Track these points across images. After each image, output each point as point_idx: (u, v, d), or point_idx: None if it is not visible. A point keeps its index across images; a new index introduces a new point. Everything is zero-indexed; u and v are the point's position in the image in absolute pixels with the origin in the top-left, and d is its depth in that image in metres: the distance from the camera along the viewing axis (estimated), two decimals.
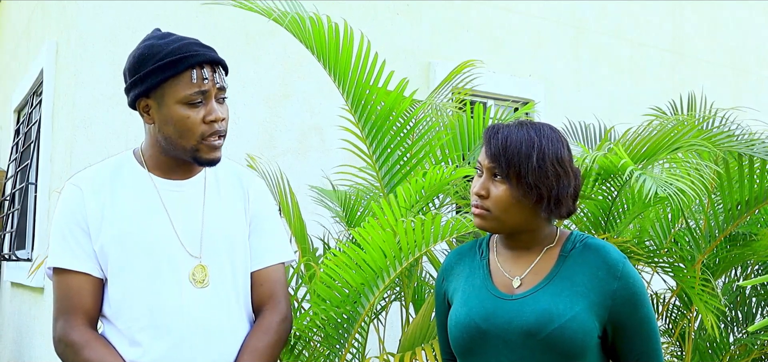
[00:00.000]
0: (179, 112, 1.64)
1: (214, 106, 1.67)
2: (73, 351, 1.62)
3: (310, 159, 4.34)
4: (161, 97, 1.65)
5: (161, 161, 1.73)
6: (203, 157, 1.68)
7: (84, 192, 1.69)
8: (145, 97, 1.68)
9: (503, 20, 5.22)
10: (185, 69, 1.63)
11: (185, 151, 1.68)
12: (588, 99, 5.54)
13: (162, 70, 1.63)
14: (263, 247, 1.81)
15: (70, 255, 1.66)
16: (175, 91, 1.64)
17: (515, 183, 1.54)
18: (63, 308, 1.65)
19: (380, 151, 2.75)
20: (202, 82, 1.64)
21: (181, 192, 1.74)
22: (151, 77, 1.64)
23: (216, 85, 1.67)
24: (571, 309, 1.50)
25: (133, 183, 1.72)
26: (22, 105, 5.73)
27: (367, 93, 2.64)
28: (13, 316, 5.72)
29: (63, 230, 1.67)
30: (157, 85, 1.64)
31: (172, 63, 1.63)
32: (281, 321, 1.78)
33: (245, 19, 4.23)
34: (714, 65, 6.40)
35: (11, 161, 5.83)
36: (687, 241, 2.90)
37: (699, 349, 3.14)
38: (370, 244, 2.20)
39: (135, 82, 1.68)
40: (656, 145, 2.52)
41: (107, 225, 1.66)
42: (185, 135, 1.66)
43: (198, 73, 1.64)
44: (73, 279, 1.65)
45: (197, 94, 1.64)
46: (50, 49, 4.38)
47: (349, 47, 2.58)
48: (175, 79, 1.64)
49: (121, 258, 1.65)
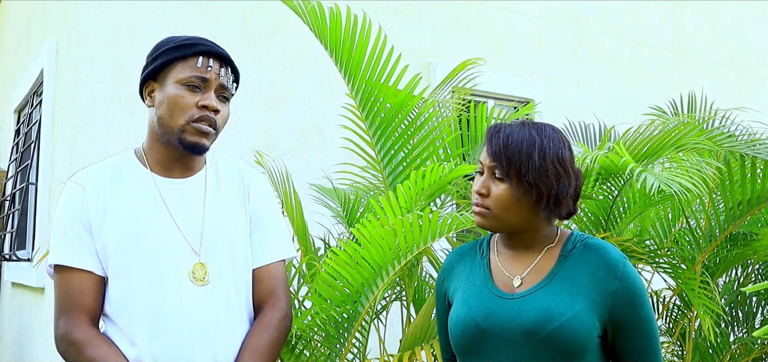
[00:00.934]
0: (176, 91, 1.68)
1: (211, 96, 1.70)
2: (75, 350, 1.62)
3: (310, 159, 4.34)
4: (165, 78, 1.70)
5: (161, 155, 1.74)
6: (188, 140, 1.69)
7: (86, 190, 1.69)
8: (152, 80, 1.73)
9: (503, 20, 5.22)
10: (193, 54, 1.69)
11: (173, 132, 1.69)
12: (588, 99, 5.54)
13: (172, 51, 1.69)
14: (264, 244, 1.81)
15: (72, 252, 1.65)
16: (178, 72, 1.69)
17: (515, 183, 1.54)
18: (65, 306, 1.65)
19: (386, 150, 2.74)
20: (205, 69, 1.69)
21: (181, 191, 1.74)
22: (161, 57, 1.70)
23: (219, 78, 1.70)
24: (572, 308, 1.50)
25: (134, 182, 1.72)
26: (22, 105, 5.73)
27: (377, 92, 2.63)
28: (14, 316, 5.72)
29: (65, 227, 1.67)
30: (165, 65, 1.70)
31: (182, 46, 1.69)
32: (282, 319, 1.78)
33: (246, 18, 4.24)
34: (714, 65, 6.40)
35: (11, 161, 5.83)
36: (687, 241, 2.90)
37: (699, 349, 3.14)
38: (370, 241, 2.20)
39: (147, 65, 1.73)
40: (657, 144, 2.52)
41: (109, 223, 1.66)
42: (175, 114, 1.68)
43: (204, 61, 1.69)
44: (75, 277, 1.65)
45: (197, 79, 1.68)
46: (50, 49, 4.38)
47: (364, 42, 2.57)
48: (182, 61, 1.69)
49: (122, 256, 1.65)
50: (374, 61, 2.63)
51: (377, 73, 2.64)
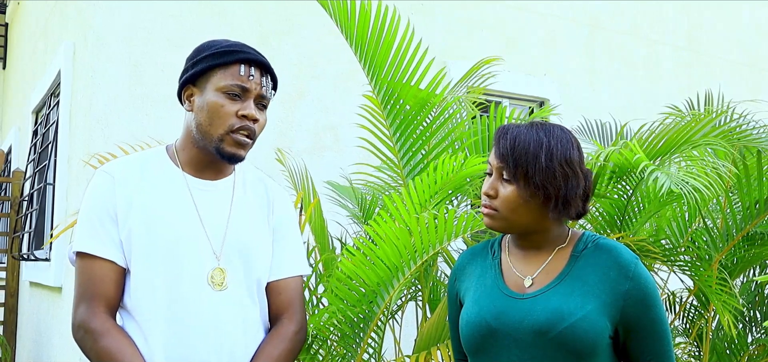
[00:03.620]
0: (217, 99, 1.68)
1: (251, 105, 1.69)
2: (92, 338, 1.63)
3: (324, 158, 4.35)
4: (205, 84, 1.70)
5: (194, 157, 1.75)
6: (226, 150, 1.69)
7: (115, 179, 1.70)
8: (191, 84, 1.73)
9: (517, 19, 5.21)
10: (235, 61, 1.68)
11: (211, 140, 1.69)
12: (603, 97, 5.51)
13: (214, 58, 1.69)
14: (284, 258, 1.82)
15: (97, 241, 1.66)
16: (219, 79, 1.68)
17: (523, 184, 1.54)
18: (85, 293, 1.66)
19: (406, 149, 2.74)
20: (247, 78, 1.68)
21: (210, 192, 1.75)
22: (203, 63, 1.70)
23: (260, 87, 1.71)
24: (582, 308, 1.50)
25: (163, 177, 1.73)
26: (39, 106, 5.78)
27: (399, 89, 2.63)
28: (32, 316, 5.78)
29: (91, 216, 1.68)
30: (205, 70, 1.69)
31: (224, 52, 1.69)
32: (297, 332, 1.79)
33: (260, 18, 4.25)
34: (730, 62, 6.34)
35: (29, 162, 5.89)
36: (704, 240, 2.88)
37: (716, 350, 3.12)
38: (385, 241, 2.21)
39: (187, 68, 1.73)
40: (672, 141, 2.50)
41: (135, 213, 1.67)
42: (215, 122, 1.68)
43: (246, 69, 1.69)
44: (97, 266, 1.66)
45: (237, 87, 1.68)
46: (67, 50, 4.42)
47: (392, 38, 2.57)
48: (224, 68, 1.69)
49: (145, 247, 1.66)
50: (399, 57, 2.62)
51: (401, 71, 2.63)
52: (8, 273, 6.41)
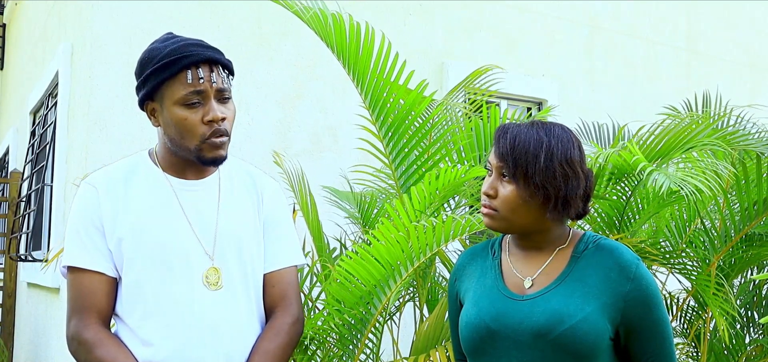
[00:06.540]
0: (178, 113, 1.65)
1: (213, 106, 1.66)
2: (85, 350, 1.63)
3: (323, 159, 4.34)
4: (162, 100, 1.67)
5: (173, 162, 1.74)
6: (206, 156, 1.68)
7: (99, 191, 1.70)
8: (149, 100, 1.70)
9: (516, 20, 5.20)
10: (180, 70, 1.63)
11: (189, 151, 1.68)
12: (602, 98, 5.51)
13: (159, 72, 1.64)
14: (277, 249, 1.81)
15: (85, 254, 1.66)
16: (172, 93, 1.65)
17: (523, 184, 1.53)
18: (77, 307, 1.66)
19: (397, 151, 2.73)
20: (197, 81, 1.64)
21: (196, 191, 1.74)
22: (151, 79, 1.66)
23: (213, 85, 1.66)
24: (582, 310, 1.49)
25: (148, 182, 1.73)
26: (37, 107, 5.78)
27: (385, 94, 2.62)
28: (30, 316, 5.78)
29: (78, 229, 1.68)
30: (157, 87, 1.66)
31: (168, 64, 1.64)
32: (293, 323, 1.78)
33: (258, 19, 4.25)
34: (730, 63, 6.34)
35: (27, 163, 5.88)
36: (702, 242, 2.88)
37: (714, 351, 3.11)
38: (384, 244, 2.20)
39: (139, 85, 1.70)
40: (671, 142, 2.50)
41: (121, 222, 1.67)
42: (186, 136, 1.66)
43: (193, 73, 1.64)
44: (87, 279, 1.66)
45: (193, 95, 1.64)
46: (65, 51, 4.41)
47: (369, 47, 2.56)
48: (172, 80, 1.64)
49: (135, 255, 1.66)
50: (381, 65, 2.61)
51: (384, 76, 2.62)
52: (6, 273, 6.41)
